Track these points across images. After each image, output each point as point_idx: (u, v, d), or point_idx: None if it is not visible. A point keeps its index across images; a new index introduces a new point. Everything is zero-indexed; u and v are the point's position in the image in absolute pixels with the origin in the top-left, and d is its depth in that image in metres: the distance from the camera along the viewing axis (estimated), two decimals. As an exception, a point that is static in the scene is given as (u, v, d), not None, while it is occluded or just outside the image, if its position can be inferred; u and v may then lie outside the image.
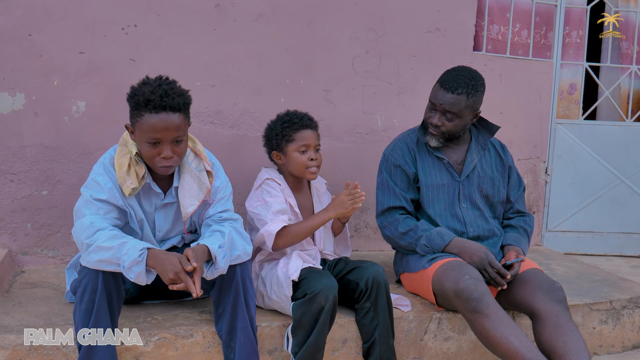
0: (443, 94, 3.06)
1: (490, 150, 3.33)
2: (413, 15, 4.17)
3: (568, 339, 2.68)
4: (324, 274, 2.77)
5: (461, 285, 2.79)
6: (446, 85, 3.06)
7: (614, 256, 4.86)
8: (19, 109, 3.36)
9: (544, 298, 2.84)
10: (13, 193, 3.39)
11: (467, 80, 3.06)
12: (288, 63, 3.89)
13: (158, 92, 2.43)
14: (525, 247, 3.22)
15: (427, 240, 3.08)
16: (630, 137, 4.84)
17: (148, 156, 2.51)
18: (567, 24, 4.82)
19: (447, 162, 3.21)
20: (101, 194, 2.48)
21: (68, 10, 3.40)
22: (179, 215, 2.74)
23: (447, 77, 3.10)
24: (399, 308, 3.06)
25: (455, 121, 3.09)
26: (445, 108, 3.06)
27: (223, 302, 2.58)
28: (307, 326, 2.65)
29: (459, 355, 3.13)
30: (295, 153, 3.00)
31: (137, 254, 2.30)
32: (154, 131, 2.45)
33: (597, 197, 4.84)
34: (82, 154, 3.48)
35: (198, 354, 2.66)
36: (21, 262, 3.44)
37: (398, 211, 3.21)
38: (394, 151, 3.28)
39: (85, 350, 2.37)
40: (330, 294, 2.65)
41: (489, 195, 3.27)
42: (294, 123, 3.03)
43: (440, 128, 3.11)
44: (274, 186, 3.01)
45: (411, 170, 3.22)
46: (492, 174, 3.28)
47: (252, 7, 3.76)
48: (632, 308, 3.47)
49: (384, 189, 3.27)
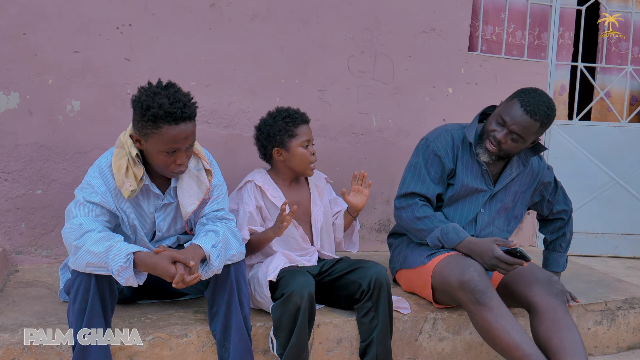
0: (520, 115, 2.91)
1: (530, 167, 3.25)
2: (408, 15, 4.17)
3: (564, 334, 2.68)
4: (298, 272, 2.75)
5: (467, 277, 2.78)
6: (527, 107, 2.91)
7: (609, 257, 4.87)
8: (13, 108, 3.36)
9: (541, 291, 2.84)
10: (7, 192, 3.38)
11: (546, 109, 2.92)
12: (283, 63, 3.89)
13: (177, 105, 2.40)
14: (561, 267, 3.45)
15: (442, 232, 3.03)
16: (625, 138, 4.85)
17: (163, 165, 2.50)
18: (561, 25, 4.83)
19: (485, 169, 3.14)
20: (94, 196, 2.47)
21: (63, 9, 3.39)
22: (178, 215, 2.74)
23: (528, 98, 2.93)
24: (399, 311, 3.05)
25: (518, 143, 2.97)
26: (516, 129, 2.93)
27: (217, 302, 2.57)
28: (287, 327, 2.63)
29: (453, 355, 3.13)
30: (300, 148, 2.99)
31: (123, 260, 2.27)
32: (174, 142, 2.44)
33: (592, 198, 4.84)
34: (76, 153, 3.47)
35: (192, 354, 2.66)
36: (15, 262, 3.43)
37: (419, 197, 3.14)
38: (438, 140, 3.16)
39: (79, 349, 2.36)
40: (305, 291, 2.62)
41: (508, 207, 3.25)
42: (295, 118, 3.02)
43: (501, 145, 2.99)
44: (250, 190, 3.01)
45: (449, 164, 3.14)
46: (518, 189, 3.24)
47: (247, 7, 3.76)
48: (626, 309, 3.47)
49: (414, 172, 3.18)
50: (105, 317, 2.41)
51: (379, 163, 4.19)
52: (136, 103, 2.45)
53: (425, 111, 4.28)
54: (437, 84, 4.30)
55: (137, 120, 2.46)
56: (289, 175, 3.09)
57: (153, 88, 2.46)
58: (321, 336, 2.87)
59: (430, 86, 4.28)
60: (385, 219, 4.26)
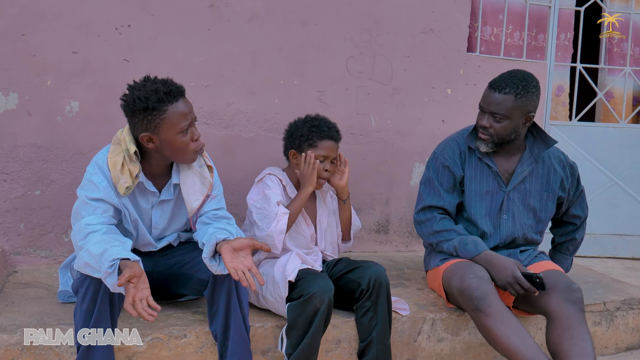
0: (490, 94, 3.02)
1: (545, 164, 3.23)
2: (407, 16, 4.17)
3: (575, 341, 2.65)
4: (320, 276, 2.76)
5: (465, 284, 2.83)
6: (494, 85, 3.02)
7: (608, 258, 4.86)
8: (12, 109, 3.35)
9: (557, 298, 2.82)
10: (6, 193, 3.38)
11: (516, 80, 2.99)
12: (282, 63, 3.89)
13: (169, 84, 2.49)
14: (564, 269, 3.42)
15: (460, 243, 3.07)
16: (624, 138, 4.84)
17: (183, 147, 2.53)
18: (560, 26, 4.83)
19: (495, 171, 3.15)
20: (96, 192, 2.48)
21: (61, 10, 3.39)
22: (176, 213, 2.75)
23: (496, 79, 3.06)
24: (397, 312, 3.05)
25: (503, 123, 3.01)
26: (494, 109, 3.00)
27: (217, 301, 2.58)
28: (301, 328, 2.64)
29: (452, 356, 3.13)
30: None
31: (107, 265, 2.23)
32: (184, 117, 2.50)
33: (591, 199, 4.81)
34: (75, 154, 3.47)
35: (191, 354, 2.66)
36: (14, 262, 3.42)
37: (437, 210, 3.19)
38: (444, 151, 3.23)
39: (83, 350, 2.36)
40: (325, 296, 2.64)
41: (536, 209, 3.23)
42: (322, 131, 3.03)
43: (488, 130, 3.04)
44: (273, 179, 3.02)
45: (459, 172, 3.18)
46: (539, 188, 3.22)
47: (246, 8, 3.76)
48: (625, 310, 3.47)
49: (428, 186, 3.24)
50: (112, 319, 2.41)
51: (377, 164, 4.19)
52: (131, 102, 2.47)
53: (424, 112, 4.28)
54: (436, 85, 4.30)
55: (140, 119, 2.48)
56: (297, 180, 3.11)
57: (137, 84, 2.52)
58: (320, 337, 2.87)
59: (429, 87, 4.28)
60: (384, 219, 4.26)
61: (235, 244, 2.41)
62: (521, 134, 3.12)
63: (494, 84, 3.03)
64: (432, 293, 3.37)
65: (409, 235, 4.33)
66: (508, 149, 3.18)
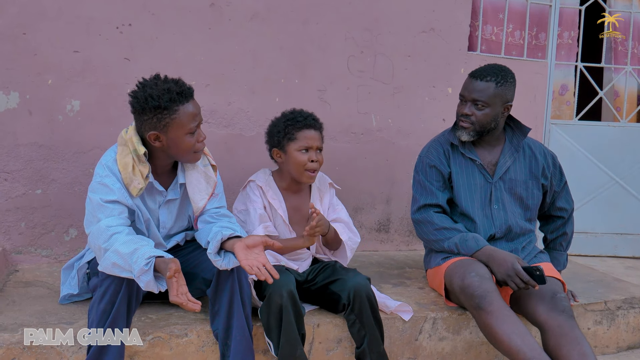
0: (472, 82, 3.12)
1: (525, 153, 3.31)
2: (408, 15, 4.17)
3: (572, 346, 2.64)
4: (279, 271, 2.63)
5: (466, 282, 2.84)
6: (475, 74, 3.13)
7: (608, 257, 4.86)
8: (13, 108, 3.35)
9: (545, 309, 2.82)
10: (7, 192, 3.38)
11: (496, 70, 3.12)
12: (283, 62, 3.89)
13: (181, 84, 2.50)
14: (561, 265, 3.44)
15: (461, 240, 3.09)
16: (625, 137, 4.84)
17: (189, 148, 2.55)
18: (560, 25, 4.83)
19: (479, 164, 3.22)
20: (111, 195, 2.47)
21: (62, 9, 3.39)
22: (182, 211, 2.76)
23: (476, 69, 3.17)
24: (400, 315, 3.02)
25: (485, 110, 3.10)
26: (475, 97, 3.09)
27: (219, 300, 2.58)
28: (275, 327, 2.62)
29: (453, 355, 3.13)
30: (296, 152, 2.96)
31: (144, 263, 2.26)
32: (193, 118, 2.51)
33: (592, 198, 4.84)
34: (76, 153, 3.47)
35: (192, 354, 2.66)
36: (15, 261, 3.42)
37: (433, 208, 3.24)
38: (429, 152, 3.32)
39: (95, 350, 2.36)
40: (283, 290, 2.60)
41: (523, 197, 3.27)
42: (298, 121, 2.99)
43: (470, 117, 3.12)
44: (254, 189, 3.01)
45: (446, 170, 3.25)
46: (523, 177, 3.26)
47: (246, 7, 3.76)
48: (626, 309, 3.47)
49: (419, 187, 3.31)
50: (128, 320, 2.43)
51: (378, 163, 4.19)
52: (143, 100, 2.46)
53: (424, 111, 4.28)
54: (436, 84, 4.30)
55: (149, 117, 2.48)
56: (289, 178, 3.07)
57: (148, 82, 2.51)
58: (321, 336, 2.87)
59: (429, 86, 4.28)
60: (385, 218, 4.26)
61: (248, 242, 2.42)
62: (500, 124, 3.21)
63: (475, 73, 3.14)
64: (433, 292, 3.37)
65: (409, 234, 4.33)
66: (489, 141, 3.26)
